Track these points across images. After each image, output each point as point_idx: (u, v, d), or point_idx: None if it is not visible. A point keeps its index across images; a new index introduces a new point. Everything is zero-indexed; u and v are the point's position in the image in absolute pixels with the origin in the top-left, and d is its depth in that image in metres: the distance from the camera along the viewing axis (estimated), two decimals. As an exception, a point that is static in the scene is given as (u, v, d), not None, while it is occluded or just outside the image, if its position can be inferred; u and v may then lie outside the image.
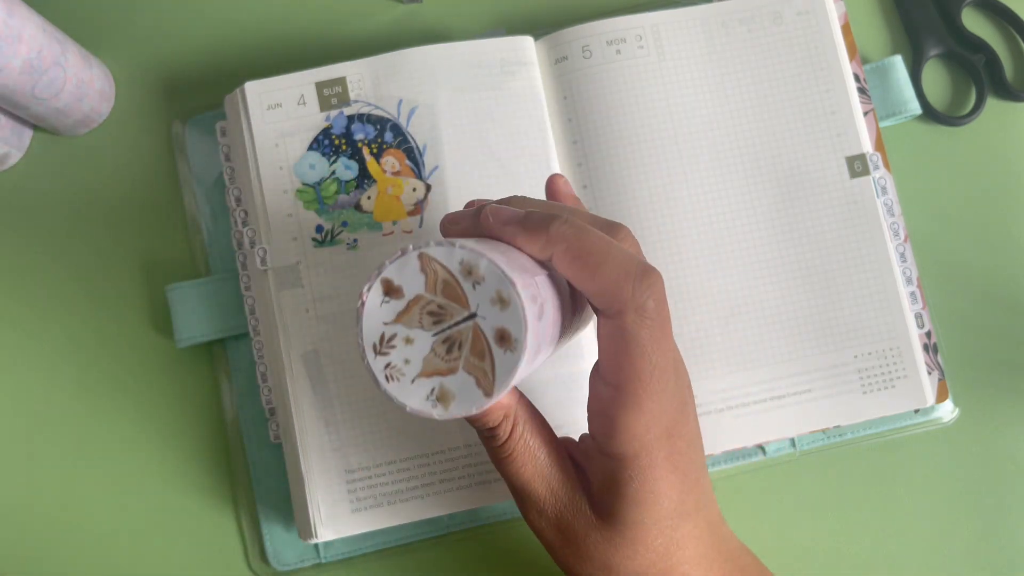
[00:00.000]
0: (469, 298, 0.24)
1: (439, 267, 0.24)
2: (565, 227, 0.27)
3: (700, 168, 0.41)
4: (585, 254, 0.27)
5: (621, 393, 0.28)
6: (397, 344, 0.24)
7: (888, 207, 0.41)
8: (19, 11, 0.36)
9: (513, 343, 0.24)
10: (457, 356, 0.24)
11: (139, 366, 0.42)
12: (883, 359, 0.40)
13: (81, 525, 0.41)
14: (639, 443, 0.28)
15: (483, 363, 0.24)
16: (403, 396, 0.24)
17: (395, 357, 0.24)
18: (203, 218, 0.42)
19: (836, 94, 0.41)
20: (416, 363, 0.24)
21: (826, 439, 0.41)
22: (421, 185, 0.40)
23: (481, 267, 0.24)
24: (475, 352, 0.24)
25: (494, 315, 0.24)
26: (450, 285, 0.24)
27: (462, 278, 0.24)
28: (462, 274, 0.24)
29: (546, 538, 0.31)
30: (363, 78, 0.40)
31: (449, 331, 0.24)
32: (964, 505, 0.41)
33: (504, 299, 0.24)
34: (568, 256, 0.27)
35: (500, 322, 0.24)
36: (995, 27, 0.45)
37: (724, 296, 0.40)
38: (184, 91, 0.44)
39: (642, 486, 0.28)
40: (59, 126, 0.42)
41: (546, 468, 0.30)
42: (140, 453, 0.42)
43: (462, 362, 0.24)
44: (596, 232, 0.27)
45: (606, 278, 0.27)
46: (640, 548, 0.29)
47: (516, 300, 0.23)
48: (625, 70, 0.41)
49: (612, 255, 0.27)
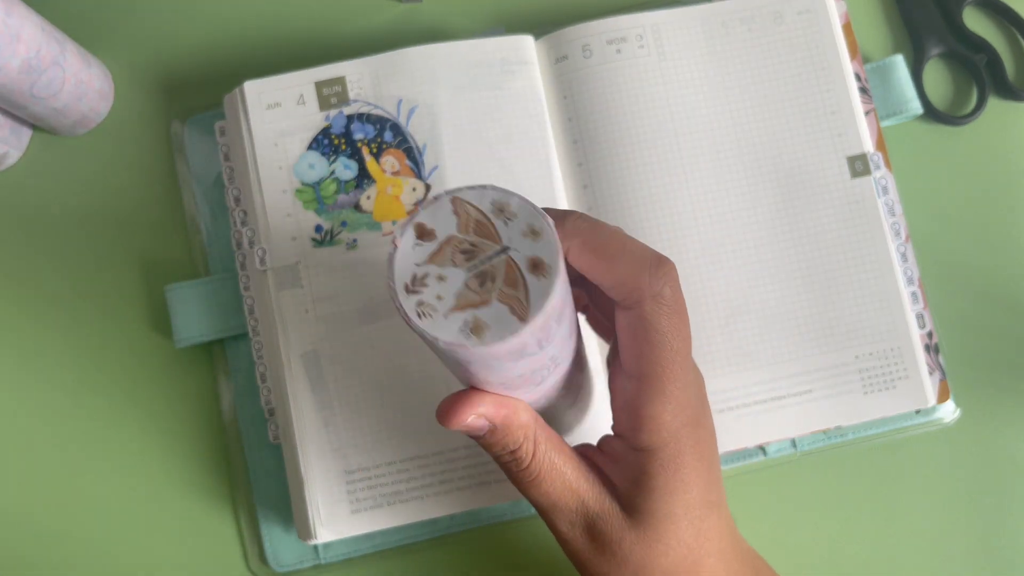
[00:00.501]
0: (501, 234, 0.24)
1: (471, 208, 0.24)
2: (580, 221, 0.27)
3: (700, 168, 0.41)
4: (601, 246, 0.27)
5: (645, 383, 0.28)
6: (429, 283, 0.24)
7: (889, 207, 0.41)
8: (18, 10, 0.36)
9: (546, 269, 0.24)
10: (490, 288, 0.24)
11: (138, 366, 0.42)
12: (884, 359, 0.40)
13: (79, 525, 0.41)
14: (667, 432, 0.28)
15: (517, 291, 0.24)
16: (436, 330, 0.24)
17: (427, 295, 0.24)
18: (202, 218, 0.42)
19: (837, 94, 0.41)
20: (449, 298, 0.24)
21: (827, 440, 0.41)
22: (421, 185, 0.40)
23: (513, 204, 0.24)
24: (508, 282, 0.24)
25: (526, 246, 0.24)
26: (482, 224, 0.24)
27: (494, 216, 0.24)
28: (494, 213, 0.24)
29: (579, 551, 0.30)
30: (363, 77, 0.40)
31: (482, 266, 0.24)
32: (964, 505, 0.41)
33: (536, 230, 0.24)
34: (585, 249, 0.27)
35: (533, 251, 0.24)
36: (996, 26, 0.45)
37: (724, 296, 0.40)
38: (183, 91, 0.44)
39: (673, 475, 0.28)
40: (58, 126, 0.42)
41: (573, 481, 0.30)
42: (138, 454, 0.41)
43: (495, 293, 0.24)
44: (610, 226, 0.28)
45: (623, 268, 0.27)
46: (673, 542, 0.29)
47: (547, 229, 0.24)
48: (625, 70, 0.41)
49: (627, 246, 0.27)
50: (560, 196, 0.40)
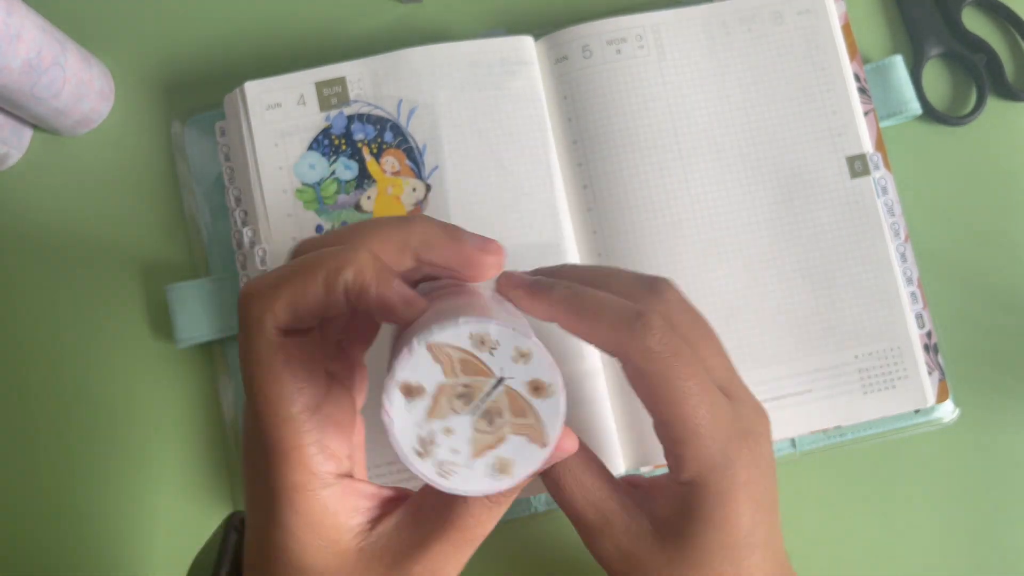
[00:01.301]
0: (491, 366, 0.23)
1: (451, 349, 0.23)
2: (565, 291, 0.28)
3: (700, 168, 0.41)
4: (583, 312, 0.28)
5: (668, 427, 0.28)
6: (439, 440, 0.23)
7: (888, 207, 0.41)
8: (18, 10, 0.36)
9: (548, 388, 0.23)
10: (501, 424, 0.24)
11: (138, 366, 0.42)
12: (884, 359, 0.40)
13: (79, 526, 0.41)
14: (703, 467, 0.28)
15: (527, 419, 0.23)
16: (467, 485, 0.24)
17: (441, 453, 0.23)
18: (202, 218, 0.42)
19: (836, 94, 0.41)
20: (464, 449, 0.23)
21: (826, 439, 0.41)
22: (421, 185, 0.40)
23: (492, 333, 0.23)
24: (516, 413, 0.24)
25: (520, 371, 0.23)
26: (468, 362, 0.23)
27: (476, 350, 0.23)
28: (476, 347, 0.23)
29: (612, 566, 0.30)
30: (363, 78, 0.40)
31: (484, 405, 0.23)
32: (964, 505, 0.41)
33: (524, 353, 0.23)
34: (570, 318, 0.28)
35: (529, 375, 0.23)
36: (996, 27, 0.45)
37: (724, 296, 0.40)
38: (183, 91, 0.44)
39: (712, 510, 0.28)
40: (59, 126, 0.42)
41: (599, 500, 0.30)
42: (139, 454, 0.41)
43: (508, 427, 0.24)
44: (592, 291, 0.28)
45: (604, 330, 0.28)
46: (706, 572, 0.29)
47: (535, 349, 0.23)
48: (625, 70, 0.41)
49: (605, 308, 0.28)
50: (560, 196, 0.40)
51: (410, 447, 0.23)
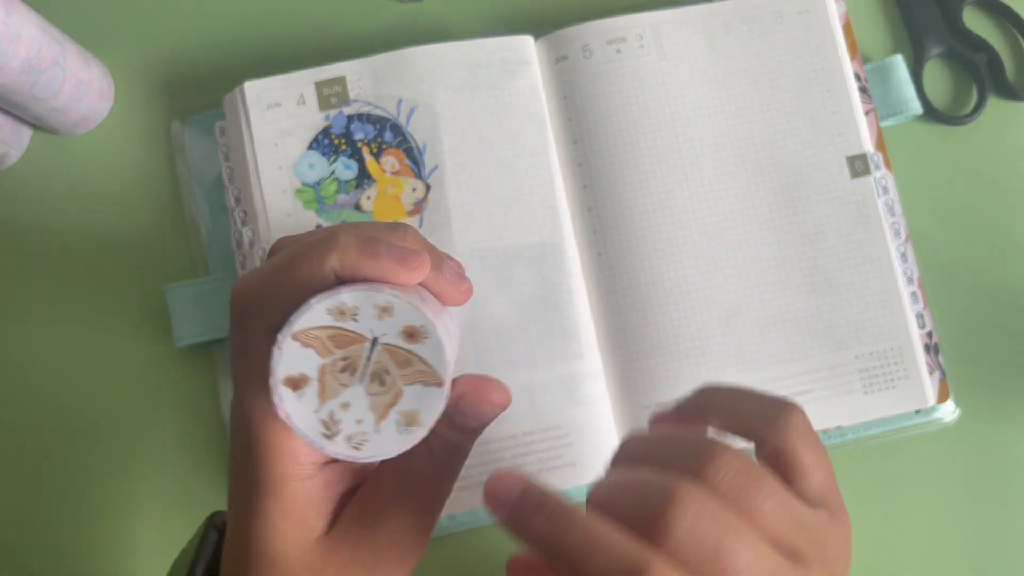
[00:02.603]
0: (359, 331, 0.24)
1: (316, 331, 0.24)
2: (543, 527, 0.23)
3: (700, 168, 0.41)
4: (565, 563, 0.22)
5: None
6: (340, 417, 0.24)
7: (889, 207, 0.41)
8: (18, 10, 0.36)
9: (421, 330, 0.24)
10: (392, 381, 0.24)
11: (137, 366, 0.42)
12: (884, 359, 0.40)
13: (79, 526, 0.41)
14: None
15: (415, 366, 0.24)
16: (382, 450, 0.24)
17: (348, 428, 0.24)
18: (202, 218, 0.42)
19: (837, 94, 0.41)
20: (367, 416, 0.24)
21: (827, 439, 0.41)
22: (421, 185, 0.40)
23: (347, 300, 0.24)
24: (401, 364, 0.24)
25: (389, 325, 0.24)
26: (337, 336, 0.24)
27: (340, 322, 0.24)
28: (337, 319, 0.24)
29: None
30: (363, 77, 0.40)
31: (368, 368, 0.24)
32: (964, 505, 0.41)
33: (384, 307, 0.24)
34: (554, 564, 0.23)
35: (398, 326, 0.24)
36: (996, 26, 0.45)
37: (724, 296, 0.40)
38: (183, 91, 0.44)
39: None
40: (58, 126, 0.42)
41: None
42: (139, 454, 0.41)
43: (400, 381, 0.24)
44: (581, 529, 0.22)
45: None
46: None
47: (393, 299, 0.23)
48: (625, 70, 0.41)
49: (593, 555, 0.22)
50: (560, 196, 0.40)
51: (316, 433, 0.24)
